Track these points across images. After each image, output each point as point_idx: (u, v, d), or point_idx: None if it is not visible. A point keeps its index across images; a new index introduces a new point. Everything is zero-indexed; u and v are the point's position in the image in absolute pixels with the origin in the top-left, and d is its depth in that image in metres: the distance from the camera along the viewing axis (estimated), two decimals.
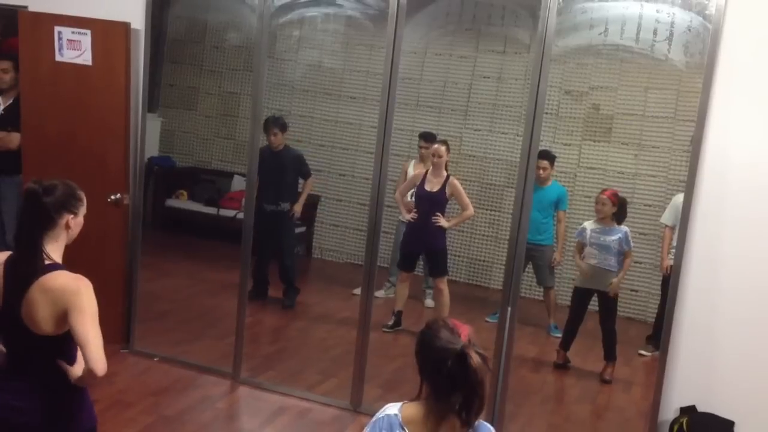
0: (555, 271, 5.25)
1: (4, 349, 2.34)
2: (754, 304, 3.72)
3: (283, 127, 5.65)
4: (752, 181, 3.65)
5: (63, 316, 2.17)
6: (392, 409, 1.89)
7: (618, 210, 4.63)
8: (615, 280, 4.64)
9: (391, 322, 5.29)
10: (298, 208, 5.71)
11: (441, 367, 1.76)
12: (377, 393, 4.39)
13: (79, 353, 2.28)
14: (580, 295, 4.79)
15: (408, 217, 5.20)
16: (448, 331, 1.81)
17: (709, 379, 3.83)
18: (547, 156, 5.01)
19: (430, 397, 1.83)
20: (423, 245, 5.21)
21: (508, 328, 4.01)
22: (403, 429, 1.84)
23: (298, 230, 6.25)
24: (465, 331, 1.81)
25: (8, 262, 2.26)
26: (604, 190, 4.72)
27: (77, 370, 2.27)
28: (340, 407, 4.31)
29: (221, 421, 4.09)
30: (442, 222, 5.05)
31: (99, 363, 2.12)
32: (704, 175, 3.70)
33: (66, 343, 2.25)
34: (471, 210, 5.12)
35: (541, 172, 4.89)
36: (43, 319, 2.18)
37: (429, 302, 5.79)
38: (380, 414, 1.90)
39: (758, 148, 3.63)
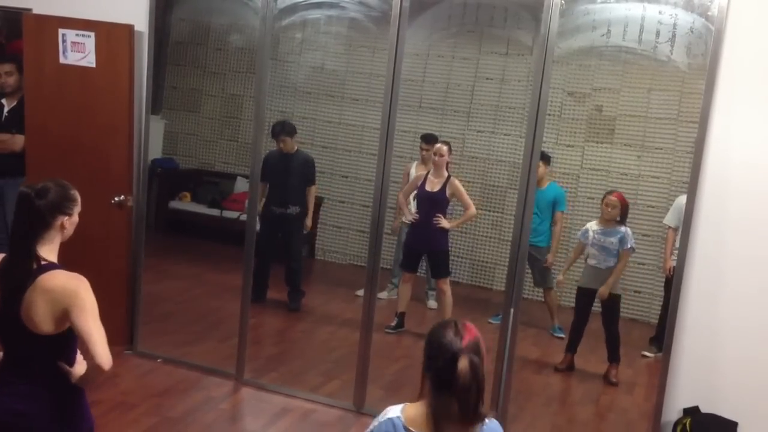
0: (553, 272, 5.24)
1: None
2: (757, 305, 3.72)
3: (291, 133, 5.63)
4: (755, 183, 3.65)
5: (62, 316, 2.19)
6: (394, 411, 1.88)
7: (623, 212, 4.63)
8: (603, 288, 4.59)
9: (393, 324, 5.30)
10: (309, 222, 5.70)
11: (433, 365, 1.79)
12: (380, 394, 4.40)
13: (78, 355, 2.31)
14: (583, 296, 4.78)
15: (408, 218, 5.21)
16: (453, 332, 1.81)
17: (712, 380, 3.82)
18: (542, 156, 5.01)
19: (429, 396, 1.82)
20: (425, 246, 5.22)
21: (510, 330, 4.01)
22: (408, 431, 1.84)
23: None
24: (469, 336, 1.81)
25: (2, 266, 2.27)
26: (611, 192, 4.70)
27: (78, 370, 2.28)
28: (344, 408, 4.31)
29: (224, 422, 4.10)
30: (444, 223, 5.06)
31: (105, 357, 2.16)
32: (707, 176, 3.70)
33: (66, 344, 2.27)
34: (473, 209, 5.12)
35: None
36: (42, 320, 2.19)
37: (432, 303, 5.80)
38: (381, 418, 1.89)
39: (761, 149, 3.63)
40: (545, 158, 5.06)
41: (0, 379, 2.31)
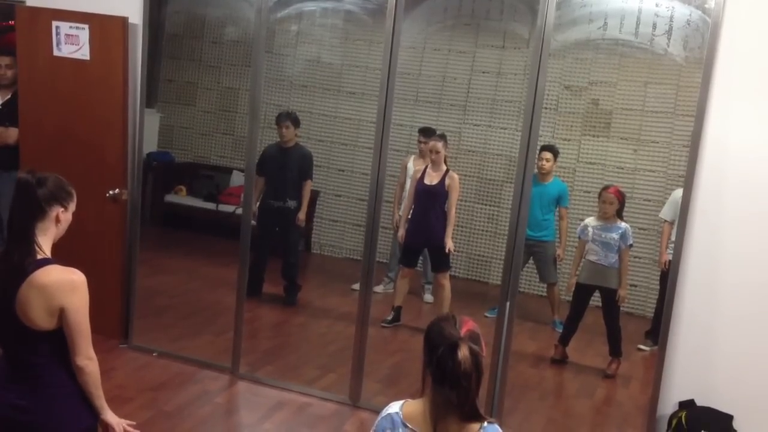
0: (557, 267, 5.24)
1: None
2: (752, 299, 3.72)
3: (296, 122, 5.62)
4: (751, 176, 3.65)
5: (58, 311, 2.19)
6: (394, 407, 1.91)
7: (621, 205, 4.63)
8: (622, 292, 4.62)
9: (389, 318, 5.29)
10: (302, 216, 5.69)
11: (433, 355, 1.78)
12: (376, 388, 4.40)
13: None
14: (582, 292, 4.77)
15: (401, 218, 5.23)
16: (452, 324, 1.83)
17: (707, 373, 3.83)
18: (552, 149, 5.03)
19: (430, 391, 1.83)
20: (425, 240, 5.20)
21: (507, 323, 4.01)
22: (406, 426, 1.85)
23: None
24: (467, 326, 1.82)
25: None
26: (607, 188, 4.69)
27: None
28: (339, 402, 4.31)
29: (220, 416, 4.09)
30: (449, 245, 5.02)
31: (85, 356, 2.25)
32: (703, 170, 3.70)
33: (65, 339, 2.25)
34: (454, 213, 5.07)
35: (545, 162, 4.90)
36: (39, 316, 2.18)
37: (428, 297, 5.79)
38: (383, 413, 1.92)
39: (758, 142, 3.63)
40: (554, 151, 5.07)
41: (1, 375, 2.31)
